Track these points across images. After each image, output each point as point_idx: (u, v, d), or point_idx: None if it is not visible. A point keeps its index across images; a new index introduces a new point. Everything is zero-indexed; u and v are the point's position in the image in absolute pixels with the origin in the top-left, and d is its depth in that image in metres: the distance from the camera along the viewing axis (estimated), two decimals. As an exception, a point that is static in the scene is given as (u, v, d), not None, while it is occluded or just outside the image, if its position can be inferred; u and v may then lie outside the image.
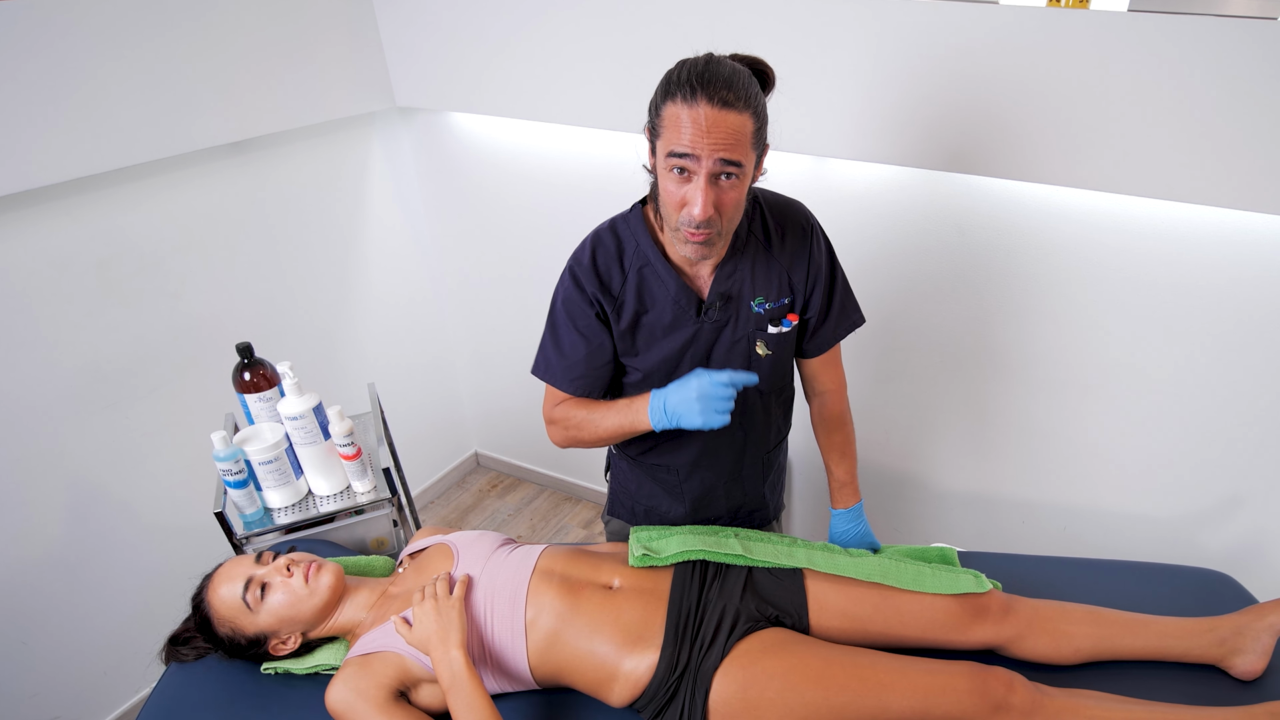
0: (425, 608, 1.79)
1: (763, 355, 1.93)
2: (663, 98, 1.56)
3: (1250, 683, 1.86)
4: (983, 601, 1.90)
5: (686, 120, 1.51)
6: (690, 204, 1.59)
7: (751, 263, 1.86)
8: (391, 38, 3.19)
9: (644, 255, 1.84)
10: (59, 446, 2.66)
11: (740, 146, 1.55)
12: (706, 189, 1.56)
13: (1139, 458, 2.63)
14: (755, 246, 1.87)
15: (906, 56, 2.26)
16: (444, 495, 4.37)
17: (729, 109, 1.51)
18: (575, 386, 1.94)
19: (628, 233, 1.86)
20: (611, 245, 1.86)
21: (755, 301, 1.88)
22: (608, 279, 1.86)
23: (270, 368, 2.33)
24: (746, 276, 1.86)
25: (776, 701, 1.70)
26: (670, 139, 1.55)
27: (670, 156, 1.56)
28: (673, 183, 1.60)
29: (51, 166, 2.36)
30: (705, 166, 1.54)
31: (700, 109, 1.50)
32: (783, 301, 1.90)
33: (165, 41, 2.53)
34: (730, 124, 1.51)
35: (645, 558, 1.93)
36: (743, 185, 1.63)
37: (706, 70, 1.52)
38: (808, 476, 3.39)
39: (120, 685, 3.03)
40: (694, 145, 1.52)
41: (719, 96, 1.50)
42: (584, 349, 1.90)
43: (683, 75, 1.53)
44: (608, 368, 1.94)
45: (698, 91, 1.50)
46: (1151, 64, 1.98)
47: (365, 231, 3.54)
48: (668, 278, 1.84)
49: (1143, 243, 2.31)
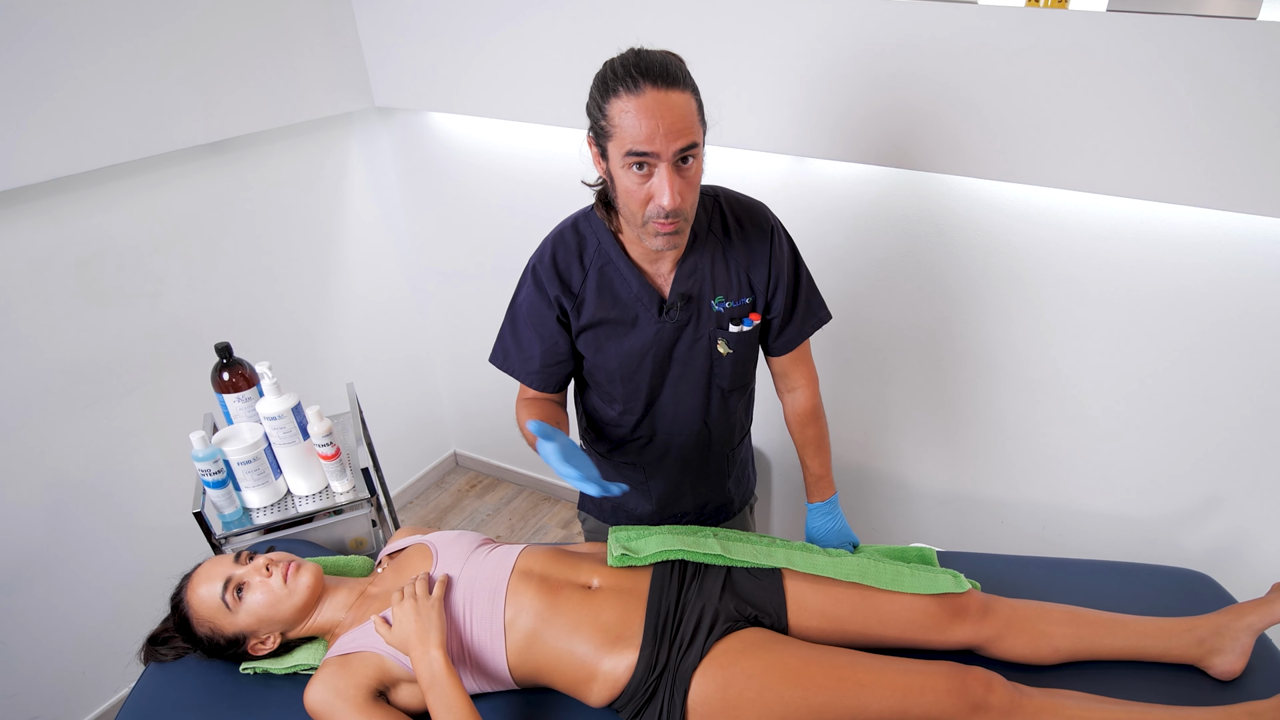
0: (404, 608, 1.78)
1: (724, 354, 1.94)
2: (604, 97, 1.57)
3: (1229, 683, 1.86)
4: (961, 601, 1.90)
5: (637, 111, 1.51)
6: (658, 195, 1.59)
7: (711, 261, 1.88)
8: (370, 38, 3.19)
9: (605, 254, 1.85)
10: (38, 446, 2.65)
11: (692, 126, 1.55)
12: (671, 177, 1.57)
13: (1118, 458, 2.64)
14: (715, 245, 1.88)
15: (886, 56, 2.26)
16: (423, 495, 4.37)
17: (673, 89, 1.52)
18: (530, 380, 2.00)
19: (589, 230, 1.87)
20: (573, 242, 1.87)
21: (715, 300, 1.89)
22: (568, 277, 1.87)
23: (249, 368, 2.33)
24: (706, 275, 1.87)
25: (755, 701, 1.70)
26: (625, 138, 1.55)
27: (629, 155, 1.56)
28: (633, 181, 1.60)
29: (31, 166, 2.35)
30: (666, 156, 1.55)
31: (647, 95, 1.50)
32: (743, 301, 1.91)
33: (144, 42, 2.53)
34: (678, 104, 1.52)
35: (624, 557, 1.93)
36: (699, 164, 1.64)
37: (639, 60, 1.54)
38: (785, 475, 3.39)
39: (99, 685, 3.03)
40: (650, 142, 1.53)
41: (660, 80, 1.51)
42: (539, 347, 1.95)
43: (619, 70, 1.54)
44: (562, 365, 1.98)
45: (640, 80, 1.51)
46: (1131, 64, 1.99)
47: (344, 231, 3.54)
48: (630, 276, 1.85)
49: (1122, 243, 2.32)
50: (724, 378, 1.99)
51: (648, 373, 1.94)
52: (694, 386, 1.98)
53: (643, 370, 1.93)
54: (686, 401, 2.00)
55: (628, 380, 1.95)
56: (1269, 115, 1.91)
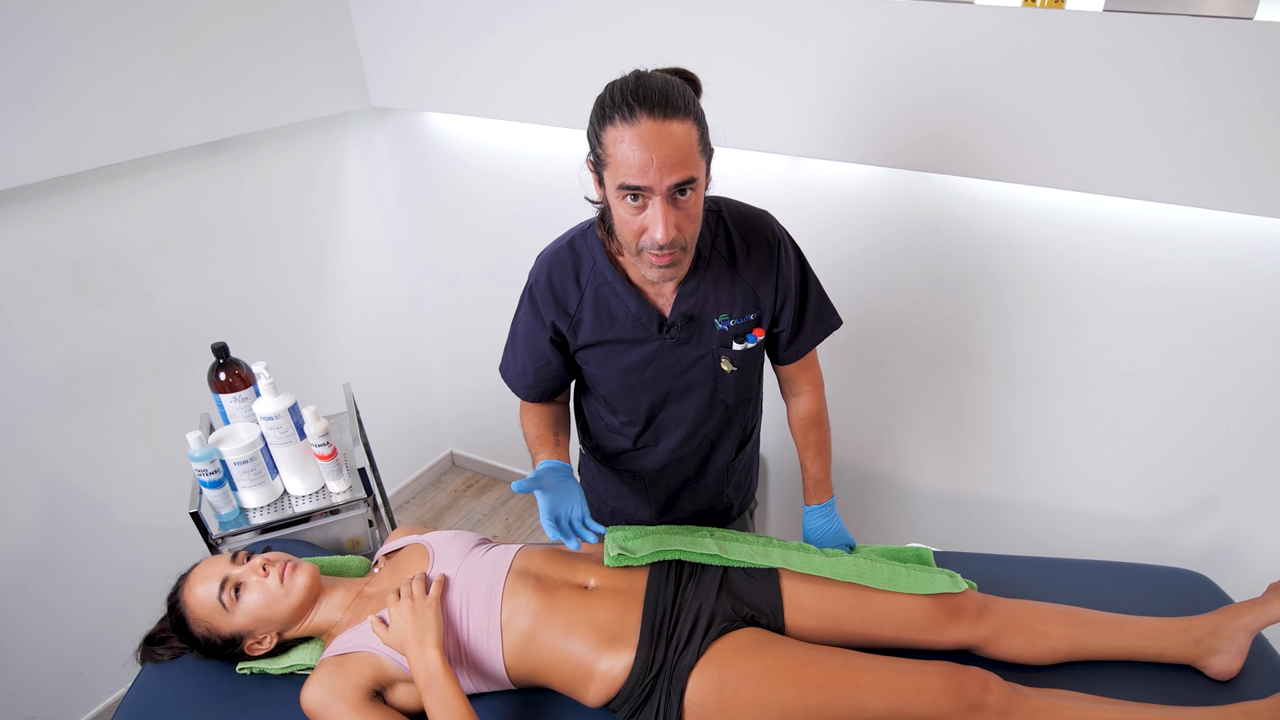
0: (401, 608, 1.78)
1: (728, 371, 1.93)
2: (600, 124, 1.52)
3: (1225, 683, 1.86)
4: (958, 601, 1.90)
5: (631, 141, 1.46)
6: (651, 229, 1.55)
7: (715, 280, 1.84)
8: (367, 38, 3.18)
9: (601, 274, 1.82)
10: (34, 446, 2.64)
11: (689, 159, 1.50)
12: (665, 210, 1.52)
13: (1115, 458, 2.64)
14: (719, 264, 1.84)
15: (882, 56, 2.26)
16: (419, 495, 4.37)
17: (670, 119, 1.46)
18: (525, 394, 2.04)
19: (585, 250, 1.84)
20: (569, 262, 1.84)
21: (719, 319, 1.86)
22: (564, 300, 1.86)
23: (245, 368, 2.32)
24: (709, 295, 1.84)
25: (752, 701, 1.70)
26: (619, 171, 1.51)
27: (622, 188, 1.52)
28: (628, 212, 1.56)
29: (26, 167, 2.34)
30: (660, 191, 1.50)
31: (642, 125, 1.45)
32: (748, 318, 1.88)
33: (140, 41, 2.52)
34: (675, 135, 1.47)
35: (621, 557, 1.93)
36: (699, 196, 1.59)
37: (639, 86, 1.48)
38: (782, 477, 3.39)
39: (96, 685, 3.02)
40: (643, 175, 1.48)
41: (658, 109, 1.45)
42: (532, 364, 1.97)
43: (616, 97, 1.49)
44: (555, 380, 2.01)
45: (636, 109, 1.45)
46: (1127, 64, 1.99)
47: (341, 232, 3.53)
48: (628, 297, 1.82)
49: (1119, 243, 2.31)
50: (729, 393, 1.97)
51: (649, 390, 1.93)
52: (698, 403, 1.97)
53: (643, 388, 1.92)
54: (690, 418, 1.99)
55: (628, 397, 1.94)
56: (1265, 115, 1.91)
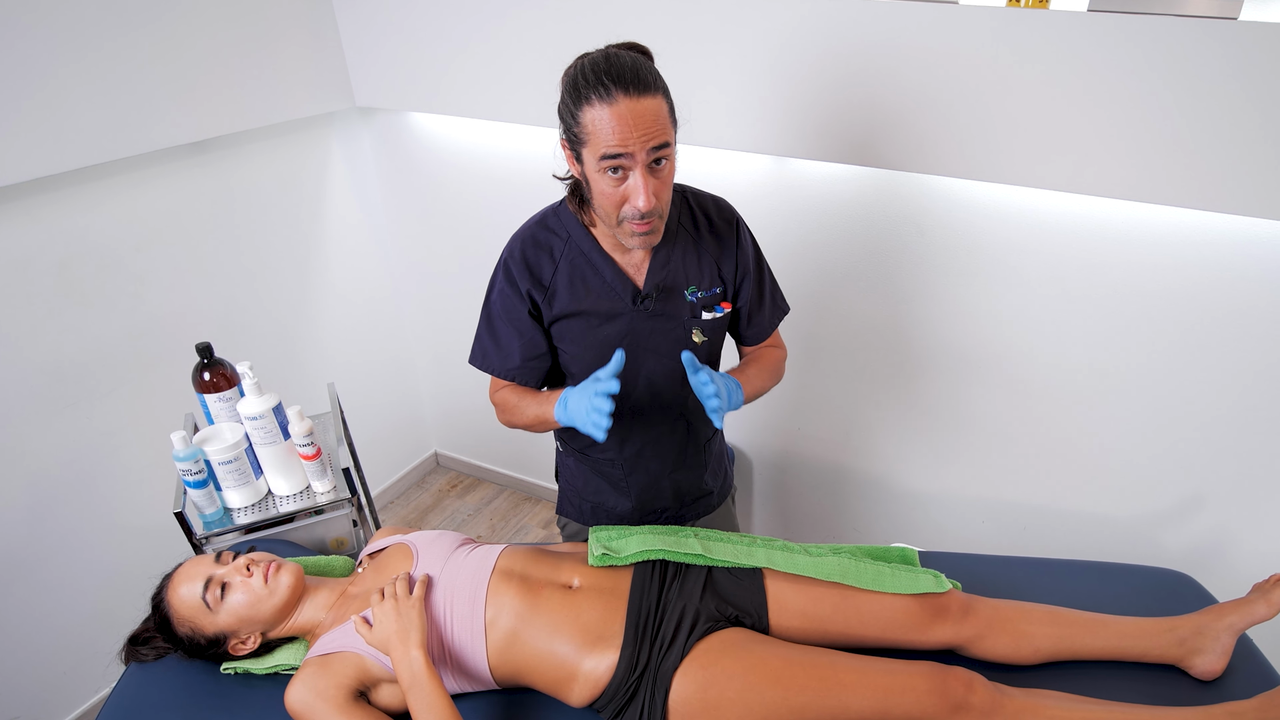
0: (385, 608, 1.78)
1: (698, 341, 1.97)
2: (576, 103, 1.59)
3: (1210, 683, 1.87)
4: (943, 601, 1.90)
5: (610, 119, 1.54)
6: (633, 197, 1.63)
7: (683, 253, 1.92)
8: (351, 38, 3.18)
9: (576, 246, 1.88)
10: (19, 446, 2.63)
11: (664, 128, 1.59)
12: (646, 179, 1.60)
13: (1100, 458, 2.65)
14: (685, 238, 1.93)
15: (867, 56, 2.26)
16: (404, 495, 4.37)
17: (645, 95, 1.55)
18: (512, 376, 2.01)
19: (558, 224, 1.90)
20: (543, 237, 1.90)
21: (689, 290, 1.92)
22: (538, 271, 1.89)
23: (230, 368, 2.32)
24: (679, 266, 1.91)
25: (736, 701, 1.70)
26: (600, 143, 1.58)
27: (604, 159, 1.59)
28: (609, 184, 1.63)
29: (11, 166, 2.34)
30: (640, 159, 1.58)
31: (620, 104, 1.53)
32: (714, 290, 1.96)
33: (126, 42, 2.52)
34: (650, 109, 1.55)
35: (605, 557, 1.93)
36: (673, 163, 1.67)
37: (610, 65, 1.56)
38: (763, 472, 3.40)
39: (80, 685, 3.02)
40: (625, 143, 1.55)
41: (633, 86, 1.54)
42: (517, 342, 1.95)
43: (590, 77, 1.57)
44: (542, 359, 1.98)
45: (612, 88, 1.53)
46: (1112, 64, 2.00)
47: (325, 231, 3.53)
48: (604, 267, 1.88)
49: (1104, 243, 2.32)
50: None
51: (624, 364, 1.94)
52: (670, 376, 1.99)
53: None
54: (663, 393, 2.01)
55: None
56: (1250, 115, 1.92)
